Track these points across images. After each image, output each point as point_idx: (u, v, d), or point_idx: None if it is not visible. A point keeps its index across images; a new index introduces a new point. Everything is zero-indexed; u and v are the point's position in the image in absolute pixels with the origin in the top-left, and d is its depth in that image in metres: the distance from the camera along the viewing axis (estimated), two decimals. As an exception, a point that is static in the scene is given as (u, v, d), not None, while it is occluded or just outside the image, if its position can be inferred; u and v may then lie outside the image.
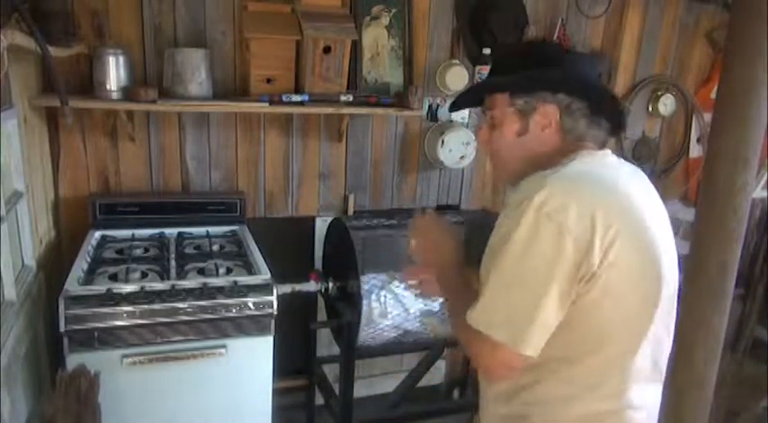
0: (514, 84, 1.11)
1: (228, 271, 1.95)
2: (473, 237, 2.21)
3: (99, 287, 1.73)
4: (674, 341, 0.69)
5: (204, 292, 1.78)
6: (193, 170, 2.35)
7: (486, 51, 2.54)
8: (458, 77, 2.54)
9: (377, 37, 2.44)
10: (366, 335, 2.08)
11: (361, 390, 2.44)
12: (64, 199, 2.20)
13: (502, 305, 1.02)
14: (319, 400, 2.46)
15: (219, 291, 1.80)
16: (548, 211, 0.97)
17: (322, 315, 2.44)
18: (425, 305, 2.15)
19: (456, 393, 2.82)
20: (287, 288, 2.02)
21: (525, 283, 1.00)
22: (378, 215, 2.37)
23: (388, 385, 2.70)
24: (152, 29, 2.16)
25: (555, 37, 2.68)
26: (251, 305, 1.81)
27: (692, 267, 0.66)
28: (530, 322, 0.99)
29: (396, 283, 2.08)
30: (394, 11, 2.44)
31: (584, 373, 1.07)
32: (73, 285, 1.71)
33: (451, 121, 2.67)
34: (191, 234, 2.26)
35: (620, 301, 1.03)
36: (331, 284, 2.16)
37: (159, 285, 1.77)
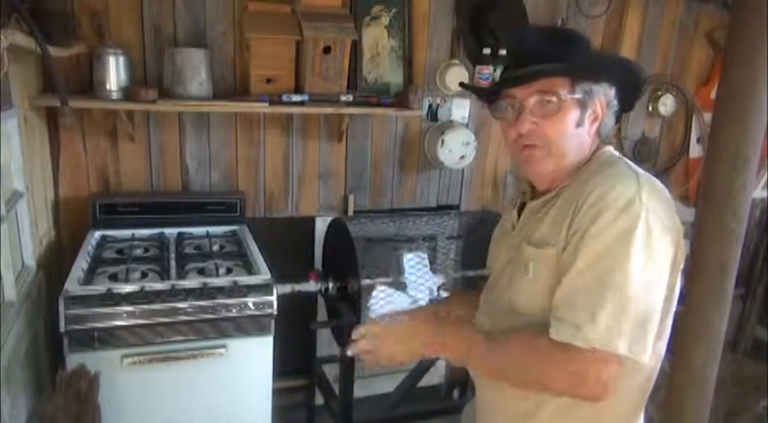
0: (586, 70, 1.04)
1: (228, 271, 1.94)
2: (470, 237, 2.21)
3: (99, 287, 1.73)
4: (675, 341, 0.69)
5: (204, 292, 1.78)
6: (193, 170, 2.35)
7: (487, 51, 2.54)
8: (458, 77, 2.54)
9: (377, 37, 2.44)
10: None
11: (361, 390, 2.44)
12: (64, 199, 2.20)
13: (626, 317, 0.93)
14: (319, 400, 2.46)
15: (219, 291, 1.80)
16: (659, 215, 0.97)
17: (322, 315, 2.44)
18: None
19: (456, 393, 2.82)
20: (287, 288, 2.02)
21: (647, 290, 0.95)
22: (378, 215, 2.37)
23: (388, 385, 2.70)
24: (152, 29, 2.16)
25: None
26: (251, 305, 1.81)
27: (692, 267, 0.66)
28: (647, 329, 0.94)
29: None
30: (394, 11, 2.44)
31: None
32: (73, 285, 1.71)
33: (451, 121, 2.67)
34: (191, 234, 2.26)
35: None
36: (331, 284, 2.16)
37: (159, 285, 1.77)
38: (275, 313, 1.85)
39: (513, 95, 1.06)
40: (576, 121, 1.05)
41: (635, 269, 0.93)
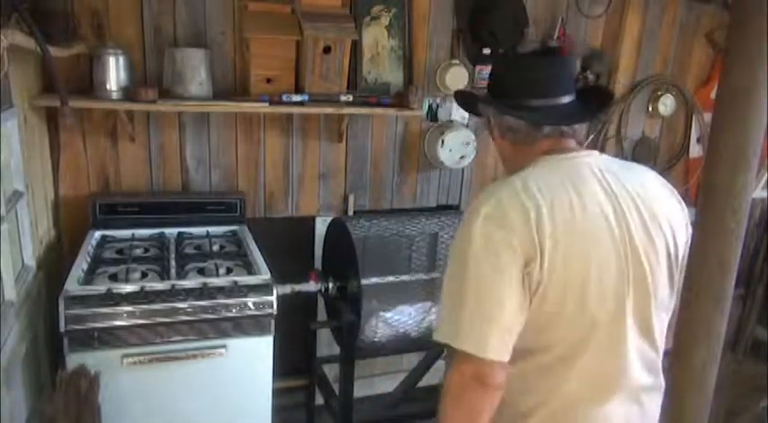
0: (463, 103, 1.41)
1: (228, 271, 1.95)
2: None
3: (99, 287, 1.73)
4: (674, 341, 0.69)
5: (204, 292, 1.78)
6: (193, 170, 2.35)
7: (486, 51, 2.54)
8: (458, 77, 2.54)
9: (377, 37, 2.44)
10: (366, 334, 2.08)
11: (361, 390, 2.44)
12: (64, 199, 2.20)
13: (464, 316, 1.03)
14: (319, 400, 2.46)
15: (219, 291, 1.80)
16: (493, 219, 1.04)
17: (322, 315, 2.44)
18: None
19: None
20: (287, 288, 2.02)
21: (482, 290, 1.02)
22: (378, 215, 2.37)
23: (388, 385, 2.70)
24: (152, 29, 2.16)
25: (555, 37, 2.68)
26: (251, 305, 1.81)
27: (692, 267, 0.66)
28: (489, 326, 1.01)
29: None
30: (394, 11, 2.44)
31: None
32: (73, 285, 1.71)
33: (451, 121, 2.67)
34: (191, 234, 2.26)
35: (557, 305, 1.05)
36: (331, 284, 2.16)
37: (159, 285, 1.77)
38: (275, 313, 1.85)
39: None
40: (493, 138, 1.29)
41: (468, 274, 1.02)
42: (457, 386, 1.05)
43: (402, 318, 2.16)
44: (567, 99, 1.17)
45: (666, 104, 3.01)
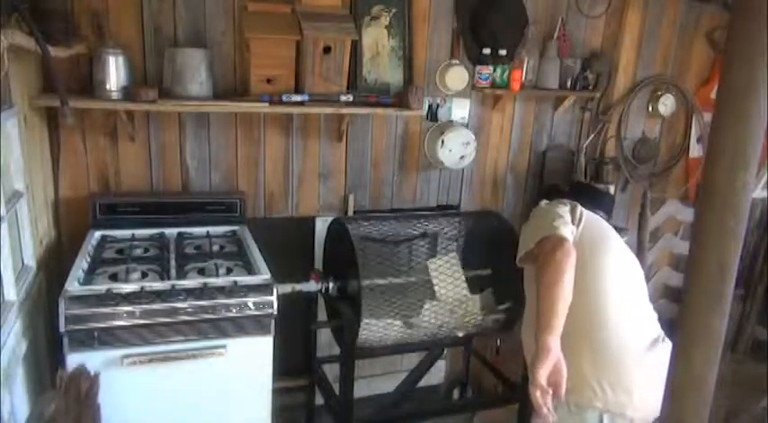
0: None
1: (228, 271, 1.94)
2: (470, 237, 2.22)
3: (99, 287, 1.73)
4: (674, 341, 0.69)
5: (204, 292, 1.78)
6: (193, 170, 2.35)
7: (487, 51, 2.54)
8: (458, 77, 2.54)
9: (377, 37, 2.44)
10: (366, 334, 2.08)
11: (361, 390, 2.44)
12: (64, 199, 2.20)
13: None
14: (319, 400, 2.46)
15: (219, 291, 1.80)
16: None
17: (322, 315, 2.44)
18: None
19: (456, 393, 2.82)
20: (287, 288, 2.02)
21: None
22: (378, 215, 2.37)
23: (388, 385, 2.70)
24: (152, 29, 2.16)
25: (555, 37, 2.69)
26: (251, 305, 1.81)
27: (692, 267, 0.66)
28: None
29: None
30: (394, 11, 2.44)
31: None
32: (73, 285, 1.71)
33: (451, 121, 2.67)
34: (191, 234, 2.26)
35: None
36: (331, 284, 2.16)
37: (159, 285, 1.77)
38: (275, 313, 1.85)
39: None
40: None
41: (540, 218, 1.77)
42: (546, 253, 1.57)
43: (402, 318, 2.16)
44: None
45: (666, 104, 3.00)
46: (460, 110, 2.68)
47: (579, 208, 1.75)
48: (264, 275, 1.89)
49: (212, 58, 2.18)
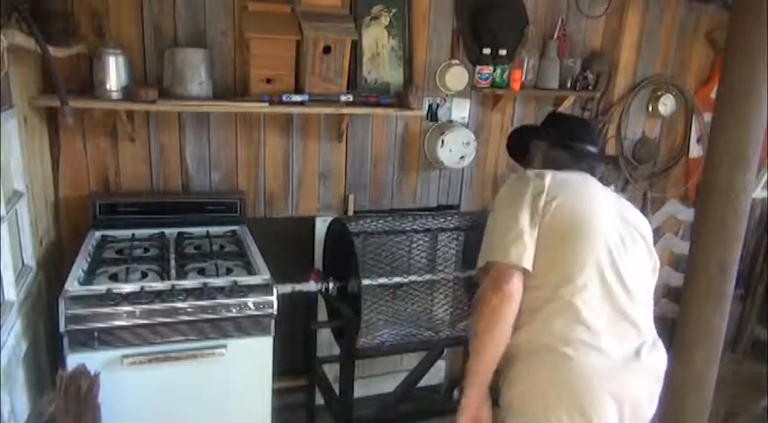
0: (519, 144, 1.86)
1: (228, 271, 1.94)
2: (471, 237, 2.22)
3: (99, 287, 1.73)
4: (674, 341, 0.69)
5: (204, 292, 1.78)
6: (193, 170, 2.35)
7: (487, 51, 2.54)
8: (458, 77, 2.54)
9: (377, 37, 2.44)
10: (366, 334, 2.08)
11: (361, 390, 2.44)
12: (64, 199, 2.20)
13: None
14: (319, 400, 2.46)
15: (219, 291, 1.80)
16: (519, 176, 1.55)
17: (322, 315, 2.44)
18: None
19: (456, 393, 2.82)
20: (287, 288, 2.02)
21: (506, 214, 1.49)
22: (378, 215, 2.37)
23: (388, 385, 2.70)
24: (152, 29, 2.16)
25: (555, 37, 2.68)
26: (251, 305, 1.81)
27: (692, 267, 0.66)
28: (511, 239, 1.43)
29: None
30: (394, 11, 2.44)
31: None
32: (73, 285, 1.71)
33: (451, 121, 2.67)
34: (191, 234, 2.26)
35: (555, 239, 1.43)
36: (331, 284, 2.16)
37: (159, 285, 1.77)
38: (275, 313, 1.85)
39: None
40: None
41: (497, 213, 1.52)
42: (487, 290, 1.42)
43: (402, 318, 2.16)
44: (594, 149, 1.72)
45: (666, 104, 3.00)
46: (460, 110, 2.68)
47: (548, 186, 1.46)
48: (264, 275, 1.89)
49: (212, 58, 2.18)
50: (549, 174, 1.50)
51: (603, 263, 1.42)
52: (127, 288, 1.73)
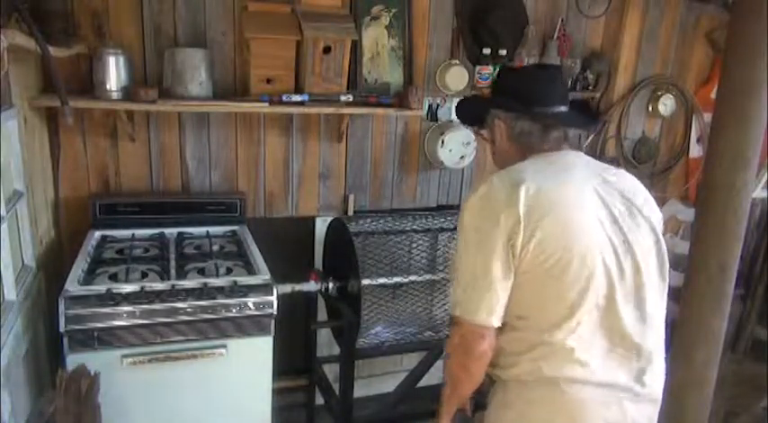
0: (466, 112, 1.55)
1: (228, 271, 1.94)
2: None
3: (99, 287, 1.73)
4: (674, 341, 0.69)
5: (204, 292, 1.78)
6: (193, 170, 2.35)
7: (487, 51, 2.54)
8: (458, 77, 2.54)
9: (377, 37, 2.44)
10: (365, 334, 2.08)
11: (361, 390, 2.44)
12: (64, 199, 2.20)
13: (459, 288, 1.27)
14: (319, 400, 2.46)
15: (219, 291, 1.80)
16: (480, 212, 1.25)
17: (322, 315, 2.44)
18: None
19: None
20: (287, 288, 2.02)
21: (474, 267, 1.24)
22: (378, 215, 2.37)
23: (388, 385, 2.70)
24: (152, 29, 2.16)
25: (555, 37, 2.68)
26: (251, 305, 1.81)
27: (692, 267, 0.66)
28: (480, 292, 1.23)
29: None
30: (394, 11, 2.44)
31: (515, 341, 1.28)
32: (73, 285, 1.71)
33: (451, 121, 2.67)
34: (191, 234, 2.26)
35: (538, 279, 1.22)
36: (331, 284, 2.16)
37: (159, 285, 1.77)
38: (275, 313, 1.85)
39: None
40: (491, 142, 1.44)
41: (464, 253, 1.26)
42: (451, 346, 1.31)
43: (402, 318, 2.16)
44: (564, 108, 1.36)
45: (666, 104, 3.00)
46: (460, 110, 2.68)
47: (523, 212, 1.19)
48: (264, 275, 1.89)
49: (212, 58, 2.18)
50: (522, 187, 1.21)
51: (601, 291, 1.22)
52: (127, 288, 1.73)
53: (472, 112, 1.51)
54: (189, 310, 1.75)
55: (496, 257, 1.20)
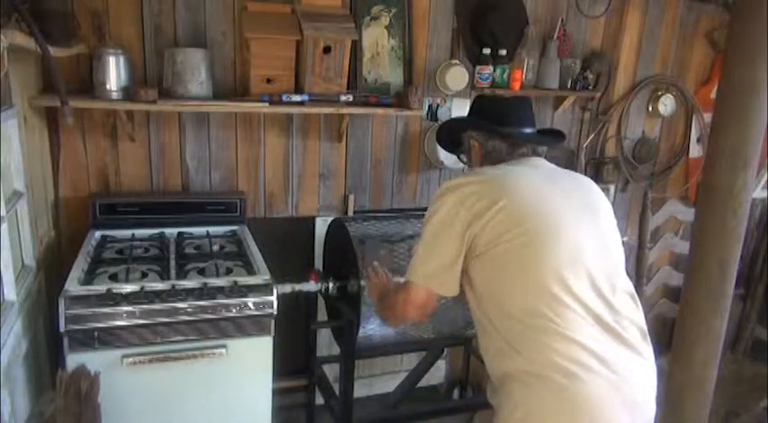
0: (447, 142, 1.80)
1: (228, 271, 1.94)
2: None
3: (99, 287, 1.73)
4: (674, 341, 0.69)
5: (204, 292, 1.78)
6: (193, 170, 2.35)
7: (486, 51, 2.54)
8: (458, 77, 2.54)
9: (377, 37, 2.44)
10: (366, 334, 2.08)
11: (361, 390, 2.44)
12: (64, 199, 2.20)
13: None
14: (319, 400, 2.46)
15: (219, 291, 1.80)
16: (451, 188, 1.38)
17: (322, 315, 2.44)
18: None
19: (456, 393, 2.82)
20: (287, 288, 2.02)
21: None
22: (378, 215, 2.37)
23: (388, 385, 2.70)
24: (152, 29, 2.16)
25: (555, 37, 2.68)
26: (251, 305, 1.81)
27: (692, 267, 0.66)
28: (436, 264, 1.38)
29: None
30: (394, 11, 2.44)
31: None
32: (73, 285, 1.71)
33: (451, 121, 2.67)
34: (191, 234, 2.26)
35: (502, 265, 1.31)
36: (331, 284, 2.16)
37: (159, 285, 1.77)
38: (275, 313, 1.85)
39: None
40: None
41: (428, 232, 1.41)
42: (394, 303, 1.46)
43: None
44: (531, 130, 1.55)
45: (666, 104, 3.00)
46: (460, 110, 2.68)
47: (475, 206, 1.32)
48: (264, 275, 1.89)
49: (212, 58, 2.18)
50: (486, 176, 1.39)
51: (568, 276, 1.25)
52: (127, 288, 1.73)
53: (450, 135, 1.70)
54: (189, 310, 1.75)
55: (453, 244, 1.36)
